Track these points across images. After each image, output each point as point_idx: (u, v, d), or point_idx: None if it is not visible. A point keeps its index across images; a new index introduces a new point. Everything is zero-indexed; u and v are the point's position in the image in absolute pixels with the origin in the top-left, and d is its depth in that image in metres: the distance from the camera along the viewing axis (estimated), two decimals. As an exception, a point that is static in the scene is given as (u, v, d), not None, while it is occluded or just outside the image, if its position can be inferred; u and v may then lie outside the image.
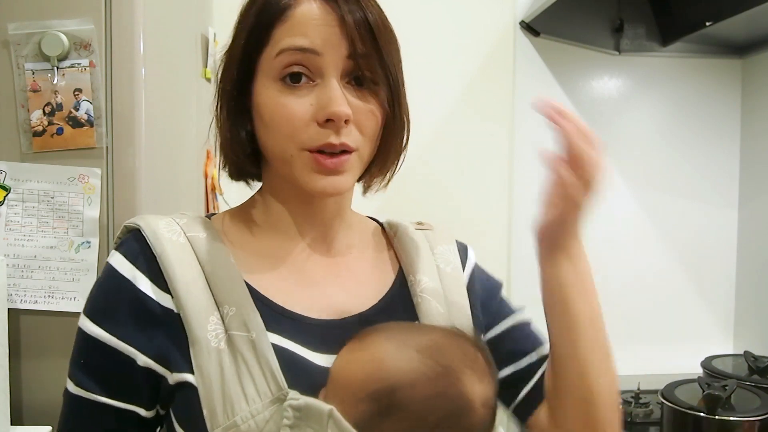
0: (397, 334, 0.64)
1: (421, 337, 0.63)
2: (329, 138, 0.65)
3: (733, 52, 1.84)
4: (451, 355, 0.61)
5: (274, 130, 0.68)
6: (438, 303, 0.75)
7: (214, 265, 0.68)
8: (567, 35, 1.79)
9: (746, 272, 1.86)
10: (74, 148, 1.11)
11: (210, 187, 1.52)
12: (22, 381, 1.12)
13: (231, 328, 0.65)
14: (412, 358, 0.60)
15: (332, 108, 0.64)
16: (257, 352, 0.64)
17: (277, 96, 0.67)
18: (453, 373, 0.60)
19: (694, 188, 1.87)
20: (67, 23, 1.10)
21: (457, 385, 0.60)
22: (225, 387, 0.63)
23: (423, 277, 0.76)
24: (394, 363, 0.60)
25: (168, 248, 0.67)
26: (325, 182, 0.67)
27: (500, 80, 1.81)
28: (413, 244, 0.79)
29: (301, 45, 0.65)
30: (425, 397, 0.58)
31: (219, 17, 1.63)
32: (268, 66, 0.67)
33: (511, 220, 1.83)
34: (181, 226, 0.71)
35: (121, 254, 0.69)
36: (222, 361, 0.63)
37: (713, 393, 1.21)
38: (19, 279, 1.11)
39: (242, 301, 0.66)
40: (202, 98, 1.52)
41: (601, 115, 1.84)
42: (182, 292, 0.66)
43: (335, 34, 0.65)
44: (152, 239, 0.68)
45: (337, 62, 0.66)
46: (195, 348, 0.64)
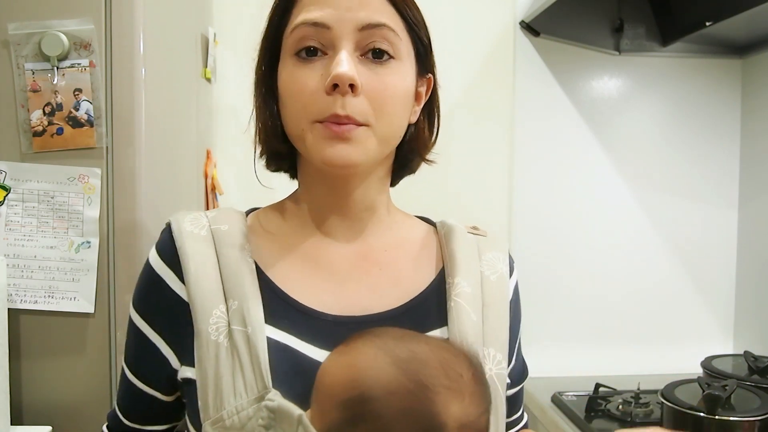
0: (383, 342, 0.61)
1: (404, 349, 0.60)
2: (335, 108, 0.64)
3: (733, 52, 1.84)
4: (428, 372, 0.58)
5: (289, 106, 0.68)
6: (473, 310, 0.71)
7: (226, 257, 0.69)
8: (567, 35, 1.79)
9: (746, 272, 1.86)
10: (74, 148, 1.11)
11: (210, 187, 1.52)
12: (22, 381, 1.12)
13: (233, 322, 0.65)
14: (387, 371, 0.57)
15: (335, 70, 0.63)
16: (251, 348, 0.64)
17: (292, 70, 0.67)
18: (424, 391, 0.57)
19: (694, 188, 1.87)
20: (67, 23, 1.10)
21: (427, 404, 0.56)
22: (218, 381, 0.63)
23: (462, 281, 0.72)
24: (369, 373, 0.57)
25: (187, 242, 0.70)
26: (333, 151, 0.65)
27: (500, 80, 1.81)
28: (461, 247, 0.76)
29: (311, 19, 0.65)
30: (394, 412, 0.56)
31: (219, 17, 1.64)
32: (287, 43, 0.68)
33: (511, 220, 1.82)
34: (209, 219, 0.73)
35: (155, 248, 0.73)
36: (219, 355, 0.64)
37: (713, 393, 1.21)
38: (19, 279, 1.11)
39: (246, 295, 0.66)
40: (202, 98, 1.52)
41: (601, 115, 1.84)
42: (192, 284, 0.68)
43: (349, 8, 0.65)
44: (176, 234, 0.71)
45: (348, 34, 0.65)
46: (198, 340, 0.66)
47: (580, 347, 1.84)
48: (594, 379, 1.58)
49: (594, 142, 1.84)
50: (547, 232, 1.83)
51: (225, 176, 1.62)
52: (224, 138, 1.66)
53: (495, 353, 0.70)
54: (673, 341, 1.86)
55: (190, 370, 0.67)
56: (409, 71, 0.69)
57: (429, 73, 0.74)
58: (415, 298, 0.72)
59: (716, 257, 1.89)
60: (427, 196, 1.84)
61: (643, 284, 1.86)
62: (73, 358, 1.13)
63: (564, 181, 1.83)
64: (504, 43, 1.80)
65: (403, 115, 0.70)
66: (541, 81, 1.81)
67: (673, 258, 1.87)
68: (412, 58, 0.70)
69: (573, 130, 1.83)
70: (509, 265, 0.79)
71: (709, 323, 1.89)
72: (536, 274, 1.82)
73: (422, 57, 0.72)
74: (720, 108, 1.87)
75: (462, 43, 1.80)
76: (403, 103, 0.69)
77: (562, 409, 1.54)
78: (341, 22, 0.65)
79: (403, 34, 0.68)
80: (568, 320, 1.84)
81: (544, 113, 1.82)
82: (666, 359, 1.81)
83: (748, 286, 1.85)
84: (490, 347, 0.70)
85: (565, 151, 1.83)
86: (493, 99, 1.82)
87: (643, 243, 1.87)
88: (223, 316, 0.66)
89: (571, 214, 1.84)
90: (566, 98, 1.82)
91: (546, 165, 1.82)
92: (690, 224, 1.87)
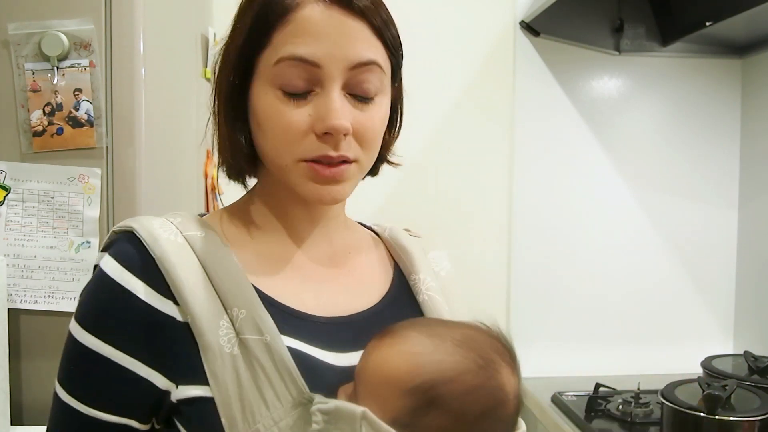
0: (430, 328, 0.64)
1: (454, 331, 0.63)
2: (327, 151, 0.63)
3: (733, 52, 1.84)
4: (487, 348, 0.62)
5: (271, 138, 0.65)
6: (445, 303, 0.75)
7: (217, 266, 0.64)
8: (567, 35, 1.79)
9: (746, 272, 1.86)
10: (74, 148, 1.12)
11: (210, 187, 1.52)
12: (22, 381, 1.12)
13: (243, 332, 0.62)
14: (453, 352, 0.60)
15: (331, 121, 0.62)
16: (273, 356, 0.61)
17: (276, 103, 0.64)
18: (492, 366, 0.61)
19: (694, 188, 1.87)
20: (67, 23, 1.10)
21: (496, 377, 0.60)
22: (243, 394, 0.60)
23: (426, 277, 0.76)
24: (435, 357, 0.60)
25: (168, 250, 0.63)
26: (323, 191, 0.65)
27: (500, 80, 1.81)
28: (412, 247, 0.79)
29: (301, 55, 0.62)
30: (466, 391, 0.58)
31: (219, 17, 1.63)
32: (267, 71, 0.64)
33: (511, 220, 1.82)
34: (176, 225, 0.67)
35: (113, 257, 0.64)
36: (237, 367, 0.61)
37: (713, 393, 1.21)
38: (19, 279, 1.12)
39: (252, 303, 0.63)
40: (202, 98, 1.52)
41: (601, 115, 1.84)
42: (189, 297, 0.62)
43: (338, 44, 0.62)
44: (149, 241, 0.64)
45: (338, 73, 0.63)
46: (207, 355, 0.61)
47: (580, 347, 1.84)
48: (594, 379, 1.58)
49: (594, 142, 1.84)
50: (547, 232, 1.83)
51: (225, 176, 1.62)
52: (224, 138, 1.65)
53: None
54: (673, 341, 1.86)
55: (198, 388, 0.61)
56: (387, 99, 0.69)
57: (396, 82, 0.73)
58: (386, 295, 0.74)
59: (716, 257, 1.89)
60: (427, 196, 1.84)
61: (643, 284, 1.86)
62: (73, 358, 1.12)
63: (564, 181, 1.83)
64: (504, 43, 1.80)
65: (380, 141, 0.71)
66: (541, 81, 1.81)
67: (673, 258, 1.87)
68: (389, 82, 0.69)
69: (573, 130, 1.83)
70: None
71: (709, 323, 1.89)
72: (536, 274, 1.82)
73: (396, 72, 0.71)
74: (720, 108, 1.87)
75: (462, 43, 1.80)
76: (383, 130, 0.70)
77: (562, 409, 1.54)
78: (331, 60, 0.62)
79: (387, 63, 0.67)
80: (568, 320, 1.84)
81: (544, 113, 1.82)
82: (666, 359, 1.81)
83: (748, 286, 1.85)
84: None
85: (565, 151, 1.83)
86: (493, 99, 1.82)
87: (643, 243, 1.86)
88: (229, 326, 0.62)
89: (571, 214, 1.84)
90: (566, 98, 1.82)
91: (546, 165, 1.82)
92: (690, 224, 1.87)
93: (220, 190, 1.58)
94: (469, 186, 1.82)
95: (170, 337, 0.62)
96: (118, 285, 0.63)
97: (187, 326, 0.62)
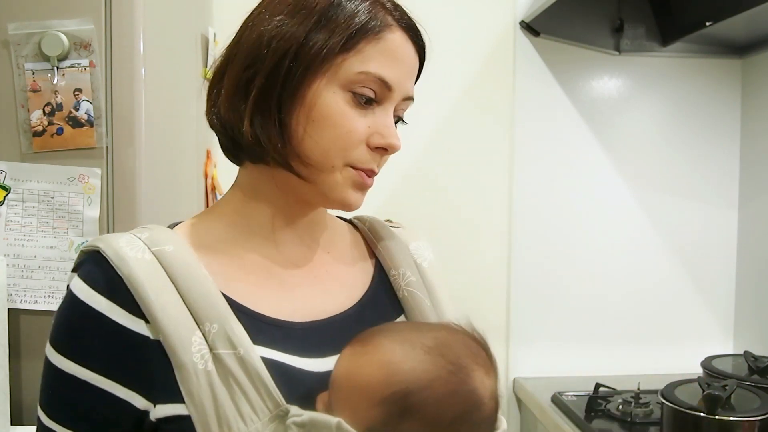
0: (401, 335, 0.63)
1: (426, 336, 0.62)
2: (373, 165, 0.69)
3: (733, 52, 1.84)
4: (458, 352, 0.61)
5: (328, 136, 0.66)
6: (425, 297, 0.75)
7: (187, 280, 0.63)
8: (567, 35, 1.79)
9: (746, 272, 1.86)
10: (74, 148, 1.12)
11: (210, 187, 1.52)
12: (22, 381, 1.12)
13: (216, 347, 0.61)
14: (423, 359, 0.60)
15: (392, 140, 0.68)
16: (248, 369, 0.61)
17: (343, 106, 0.66)
18: (464, 370, 0.60)
19: (694, 188, 1.87)
20: (67, 23, 1.10)
21: (468, 381, 0.60)
22: (219, 410, 0.60)
23: (406, 271, 0.76)
24: (406, 365, 0.59)
25: (135, 268, 0.62)
26: (358, 198, 0.70)
27: (500, 80, 1.81)
28: (392, 239, 0.79)
29: (385, 77, 0.67)
30: (439, 398, 0.58)
31: (219, 17, 1.63)
32: (345, 75, 0.65)
33: (511, 220, 1.83)
34: (144, 241, 0.65)
35: (81, 279, 0.63)
36: (212, 383, 0.60)
37: (713, 393, 1.21)
38: (19, 279, 1.12)
39: (224, 316, 0.62)
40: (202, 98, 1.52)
41: (601, 115, 1.84)
42: (159, 315, 0.61)
43: (407, 74, 0.70)
44: (116, 260, 0.63)
45: (398, 99, 0.69)
46: (181, 373, 0.60)
47: (580, 347, 1.84)
48: (594, 379, 1.58)
49: (594, 142, 1.84)
50: (547, 232, 1.83)
51: (225, 176, 1.62)
52: (224, 138, 1.65)
53: None
54: (673, 341, 1.87)
55: (176, 407, 0.61)
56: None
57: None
58: (365, 294, 0.75)
59: (716, 257, 1.89)
60: (427, 196, 1.84)
61: (643, 284, 1.86)
62: (73, 358, 1.12)
63: (564, 181, 1.83)
64: (504, 43, 1.81)
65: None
66: (541, 81, 1.81)
67: (673, 258, 1.87)
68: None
69: (573, 130, 1.83)
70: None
71: (709, 323, 1.89)
72: (536, 274, 1.82)
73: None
74: (720, 108, 1.87)
75: (462, 43, 1.80)
76: None
77: (562, 409, 1.54)
78: (399, 87, 0.68)
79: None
80: (568, 320, 1.84)
81: (544, 113, 1.82)
82: (666, 359, 1.81)
83: (748, 286, 1.85)
84: None
85: (565, 151, 1.83)
86: (493, 99, 1.82)
87: (643, 243, 1.87)
88: (202, 342, 0.61)
89: (571, 214, 1.84)
90: (566, 98, 1.82)
91: (546, 165, 1.82)
92: (690, 224, 1.87)
93: (221, 190, 1.58)
94: (469, 186, 1.82)
95: (144, 357, 0.61)
96: (88, 306, 0.62)
97: (159, 344, 0.61)
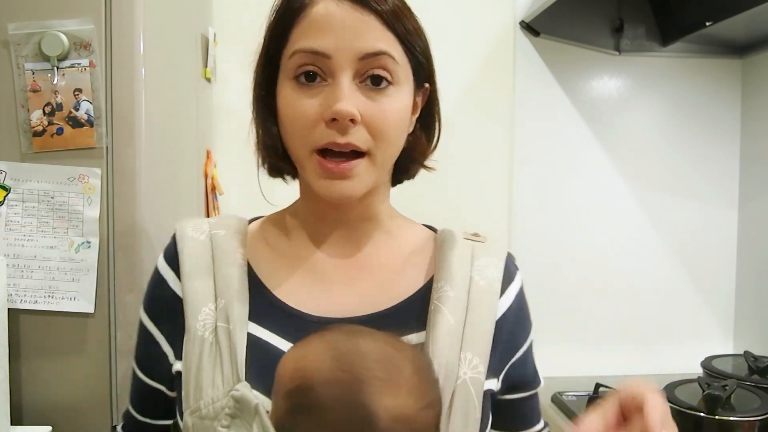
0: (332, 337, 0.63)
1: (348, 343, 0.62)
2: (334, 137, 0.65)
3: (733, 52, 1.84)
4: (364, 365, 0.60)
5: (289, 130, 0.69)
6: (452, 314, 0.70)
7: (221, 260, 0.73)
8: (567, 35, 1.79)
9: (746, 272, 1.86)
10: (74, 148, 1.12)
11: (210, 187, 1.52)
12: (22, 381, 1.12)
13: (219, 320, 0.69)
14: (326, 362, 0.60)
15: (335, 106, 0.64)
16: (231, 343, 0.67)
17: (291, 95, 0.67)
18: (357, 383, 0.59)
19: (694, 188, 1.87)
20: (67, 23, 1.10)
21: (359, 394, 0.58)
22: (199, 373, 0.67)
23: (446, 285, 0.72)
24: (312, 364, 0.60)
25: (187, 245, 0.74)
26: (332, 187, 0.67)
27: (500, 80, 1.81)
28: (452, 253, 0.75)
29: (311, 47, 0.65)
30: (328, 401, 0.58)
31: (219, 17, 1.64)
32: (285, 66, 0.68)
33: (510, 220, 1.82)
34: (210, 224, 0.77)
35: (162, 253, 0.77)
36: (203, 349, 0.68)
37: (713, 393, 1.21)
38: (19, 279, 1.12)
39: (232, 295, 0.70)
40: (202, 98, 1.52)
41: (601, 115, 1.84)
42: (185, 283, 0.72)
43: (347, 35, 0.65)
44: (179, 238, 0.76)
45: (347, 64, 0.65)
46: (187, 335, 0.70)
47: (580, 347, 1.84)
48: (594, 379, 1.57)
49: (594, 142, 1.84)
50: (547, 232, 1.83)
51: (225, 176, 1.62)
52: (224, 138, 1.66)
53: (472, 357, 0.70)
54: (673, 341, 1.86)
55: (179, 363, 0.70)
56: (406, 93, 0.70)
57: (426, 82, 0.75)
58: (399, 303, 0.73)
59: (716, 257, 1.89)
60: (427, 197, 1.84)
61: (643, 284, 1.86)
62: (73, 358, 1.13)
63: (564, 181, 1.83)
64: (504, 43, 1.80)
65: (400, 138, 0.71)
66: (541, 81, 1.81)
67: (673, 258, 1.87)
68: (410, 77, 0.70)
69: (573, 130, 1.83)
70: (505, 271, 0.78)
71: (709, 323, 1.89)
72: (536, 274, 1.82)
73: (419, 70, 0.72)
74: (720, 108, 1.87)
75: (462, 43, 1.80)
76: (401, 126, 0.70)
77: (562, 409, 1.54)
78: (341, 51, 0.65)
79: (402, 57, 0.68)
80: (568, 320, 1.84)
81: (544, 113, 1.82)
82: (666, 359, 1.81)
83: (748, 286, 1.85)
84: (467, 351, 0.70)
85: (565, 151, 1.83)
86: (493, 99, 1.82)
87: (643, 243, 1.86)
88: (211, 313, 0.70)
89: (570, 214, 1.84)
90: (566, 98, 1.82)
91: (546, 165, 1.82)
92: (690, 224, 1.87)
93: (220, 190, 1.58)
94: (468, 186, 1.81)
95: (181, 318, 0.71)
96: (159, 273, 0.76)
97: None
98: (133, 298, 1.13)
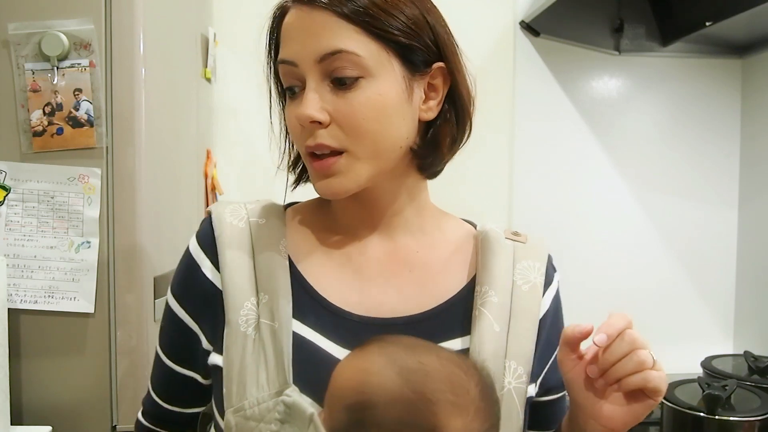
0: (394, 351, 0.61)
1: (413, 359, 0.60)
2: (307, 140, 0.67)
3: (733, 52, 1.84)
4: (433, 385, 0.58)
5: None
6: (496, 321, 0.70)
7: (263, 252, 0.71)
8: (567, 35, 1.79)
9: (746, 272, 1.86)
10: (74, 148, 1.12)
11: (210, 187, 1.52)
12: (22, 381, 1.12)
13: (262, 316, 0.67)
14: (392, 379, 0.58)
15: (297, 112, 0.66)
16: (276, 342, 0.65)
17: (287, 105, 0.70)
18: (426, 403, 0.57)
19: (694, 188, 1.87)
20: (67, 23, 1.10)
21: (428, 416, 0.57)
22: (242, 371, 0.65)
23: (490, 290, 0.71)
24: (375, 380, 0.58)
25: (226, 232, 0.72)
26: (322, 185, 0.69)
27: (500, 80, 1.81)
28: (495, 254, 0.74)
29: (282, 58, 0.68)
30: (392, 421, 0.56)
31: (219, 17, 1.64)
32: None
33: (511, 220, 1.82)
34: (248, 211, 0.75)
35: (195, 237, 0.74)
36: (246, 346, 0.66)
37: (713, 393, 1.21)
38: (19, 279, 1.12)
39: (276, 290, 0.68)
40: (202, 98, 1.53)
41: (601, 115, 1.84)
42: (226, 274, 0.69)
43: (304, 40, 0.66)
44: (216, 223, 0.73)
45: (310, 67, 0.66)
46: (227, 329, 0.68)
47: (580, 347, 1.84)
48: (594, 379, 1.57)
49: (594, 142, 1.84)
50: (547, 232, 1.79)
51: (225, 176, 1.62)
52: (224, 138, 1.66)
53: (516, 366, 0.69)
54: (673, 341, 1.86)
55: (218, 357, 0.68)
56: (389, 81, 0.67)
57: (436, 62, 0.72)
58: (442, 303, 0.72)
59: (716, 257, 1.89)
60: (427, 196, 1.84)
61: (643, 284, 1.86)
62: (73, 358, 1.13)
63: (564, 181, 1.83)
64: (504, 43, 1.80)
65: (390, 127, 0.68)
66: (541, 81, 1.81)
67: (673, 258, 1.87)
68: (391, 63, 0.67)
69: (573, 130, 1.83)
70: (546, 274, 0.78)
71: (709, 323, 1.89)
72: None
73: (410, 52, 0.68)
74: (720, 108, 1.86)
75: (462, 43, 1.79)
76: (386, 115, 0.67)
77: (562, 409, 1.54)
78: (303, 57, 0.66)
79: (368, 48, 0.65)
80: (568, 320, 1.84)
81: (544, 113, 1.82)
82: (666, 359, 1.79)
83: (748, 286, 1.85)
84: (512, 360, 0.69)
85: (565, 151, 1.83)
86: (493, 99, 1.82)
87: (643, 243, 1.86)
88: (253, 308, 0.68)
89: (570, 214, 1.84)
90: (566, 98, 1.82)
91: (546, 165, 1.82)
92: (690, 224, 1.87)
93: (221, 190, 1.58)
94: (469, 186, 1.81)
95: (216, 307, 0.70)
96: (191, 257, 0.73)
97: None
98: (133, 298, 1.13)
